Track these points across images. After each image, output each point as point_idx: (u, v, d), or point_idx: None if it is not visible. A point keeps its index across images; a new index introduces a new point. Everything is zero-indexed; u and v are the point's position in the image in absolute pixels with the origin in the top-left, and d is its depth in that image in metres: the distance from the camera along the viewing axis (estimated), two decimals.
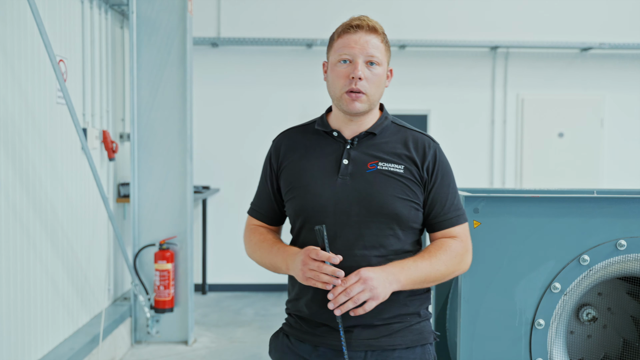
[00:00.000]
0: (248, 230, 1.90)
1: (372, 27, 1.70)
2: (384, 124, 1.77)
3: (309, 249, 1.62)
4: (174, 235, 4.53)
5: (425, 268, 1.66)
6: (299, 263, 1.62)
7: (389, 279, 1.59)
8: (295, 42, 6.02)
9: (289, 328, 1.81)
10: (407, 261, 1.65)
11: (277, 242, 1.80)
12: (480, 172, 6.33)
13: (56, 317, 3.67)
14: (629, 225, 2.09)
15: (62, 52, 3.76)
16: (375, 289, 1.56)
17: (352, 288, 1.55)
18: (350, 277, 1.57)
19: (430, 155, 1.73)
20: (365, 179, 1.69)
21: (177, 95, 4.48)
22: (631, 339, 2.36)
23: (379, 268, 1.61)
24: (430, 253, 1.69)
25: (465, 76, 6.27)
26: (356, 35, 1.68)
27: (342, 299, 1.55)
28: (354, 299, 1.55)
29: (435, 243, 1.73)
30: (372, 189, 1.68)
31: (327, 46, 1.77)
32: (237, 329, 5.04)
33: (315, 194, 1.71)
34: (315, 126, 1.81)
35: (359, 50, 1.68)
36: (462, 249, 1.74)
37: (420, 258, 1.67)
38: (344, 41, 1.70)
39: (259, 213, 1.88)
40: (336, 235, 1.68)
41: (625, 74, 6.31)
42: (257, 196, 1.91)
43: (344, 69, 1.69)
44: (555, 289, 2.10)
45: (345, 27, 1.70)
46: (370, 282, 1.55)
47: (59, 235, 3.69)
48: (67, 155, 3.82)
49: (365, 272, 1.57)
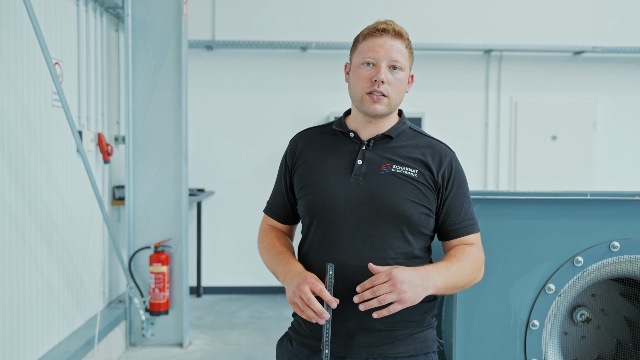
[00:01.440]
0: (262, 231, 1.92)
1: (397, 32, 1.70)
2: (401, 129, 1.78)
3: (312, 280, 1.59)
4: (169, 238, 4.53)
5: (456, 272, 1.64)
6: (294, 285, 1.61)
7: (424, 284, 1.55)
8: (290, 45, 6.03)
9: (293, 332, 1.81)
10: (440, 264, 1.63)
11: (284, 251, 1.80)
12: (474, 175, 6.36)
13: (51, 320, 3.66)
14: (622, 226, 2.11)
15: (57, 55, 3.77)
16: (404, 293, 1.51)
17: (380, 288, 1.51)
18: (381, 275, 1.53)
19: (446, 163, 1.73)
20: (377, 180, 1.69)
21: (172, 98, 4.48)
22: (624, 339, 2.38)
23: (413, 270, 1.56)
24: (456, 258, 1.67)
25: (459, 79, 6.31)
26: (381, 39, 1.69)
27: (367, 296, 1.53)
28: (380, 299, 1.51)
29: (457, 249, 1.71)
30: (384, 190, 1.68)
31: (351, 48, 1.78)
32: (232, 331, 5.04)
33: (326, 191, 1.71)
34: (332, 127, 1.82)
35: (384, 55, 1.68)
36: (481, 255, 1.74)
37: (450, 262, 1.64)
38: (368, 44, 1.70)
39: (274, 211, 1.90)
40: (345, 234, 1.67)
41: (618, 77, 6.36)
42: (272, 194, 1.92)
43: (367, 71, 1.69)
44: (549, 290, 2.12)
45: (371, 31, 1.70)
46: (400, 285, 1.51)
47: (54, 238, 3.69)
48: (63, 158, 3.83)
49: (397, 274, 1.52)
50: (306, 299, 1.56)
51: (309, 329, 1.74)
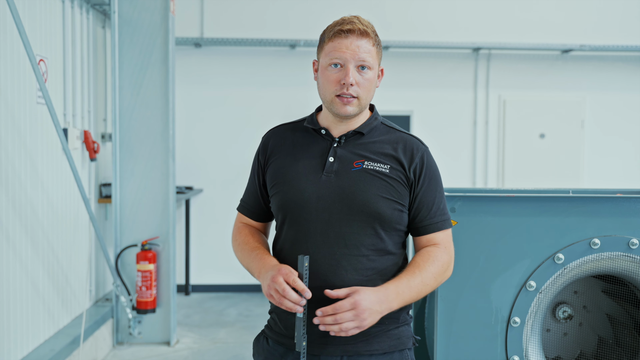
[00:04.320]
0: (235, 228, 1.90)
1: (363, 31, 1.67)
2: (373, 124, 1.77)
3: (285, 270, 1.59)
4: (156, 236, 4.51)
5: (417, 286, 1.64)
6: (268, 278, 1.61)
7: (382, 308, 1.57)
8: (279, 43, 6.02)
9: (269, 330, 1.80)
10: (402, 283, 1.63)
11: (259, 247, 1.79)
12: (463, 172, 6.37)
13: (36, 319, 3.64)
14: (603, 224, 2.12)
15: (42, 52, 3.74)
16: (364, 321, 1.54)
17: (343, 316, 1.53)
18: (344, 304, 1.53)
19: (418, 157, 1.72)
20: (349, 177, 1.68)
21: (160, 95, 4.46)
22: (606, 336, 2.39)
23: (375, 295, 1.57)
24: (420, 267, 1.67)
25: (447, 77, 6.32)
26: (347, 40, 1.66)
27: (329, 321, 1.53)
28: (342, 327, 1.53)
29: (422, 254, 1.71)
30: (356, 186, 1.67)
31: (318, 46, 1.75)
32: (220, 329, 5.03)
33: (298, 189, 1.70)
34: (304, 124, 1.81)
35: (351, 55, 1.65)
36: (447, 257, 1.73)
37: (412, 276, 1.65)
38: (334, 45, 1.67)
39: (247, 209, 1.89)
40: (317, 232, 1.67)
41: (605, 75, 6.39)
42: (246, 192, 1.91)
43: (335, 73, 1.67)
44: (530, 287, 2.13)
45: (337, 32, 1.67)
46: (362, 314, 1.53)
47: (39, 236, 3.67)
48: (48, 156, 3.80)
49: (361, 303, 1.53)
50: (281, 290, 1.56)
51: (285, 327, 1.74)
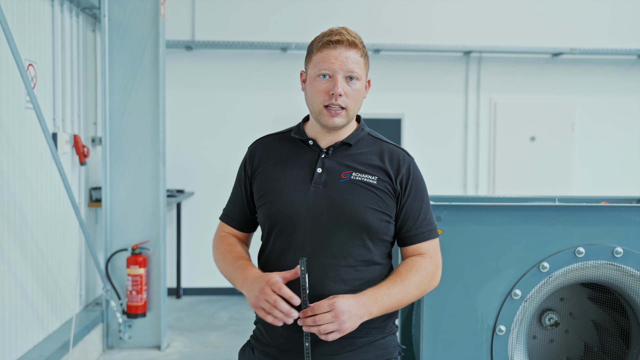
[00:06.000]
0: (217, 238, 1.89)
1: (351, 42, 1.68)
2: (360, 135, 1.78)
3: (272, 280, 1.59)
4: (147, 240, 4.51)
5: (397, 294, 1.65)
6: (256, 290, 1.60)
7: (360, 313, 1.58)
8: (270, 46, 6.02)
9: (255, 341, 1.81)
10: (381, 290, 1.63)
11: (242, 257, 1.78)
12: (453, 175, 6.39)
13: (25, 324, 3.63)
14: (588, 232, 2.13)
15: (31, 57, 3.73)
16: (344, 324, 1.54)
17: (322, 317, 1.54)
18: (323, 305, 1.55)
19: (404, 168, 1.73)
20: (337, 188, 1.69)
21: (150, 99, 4.46)
22: (592, 343, 2.41)
23: (353, 299, 1.58)
24: (402, 276, 1.67)
25: (438, 80, 6.33)
26: (336, 50, 1.67)
27: (309, 322, 1.55)
28: (321, 329, 1.54)
29: (406, 263, 1.72)
30: (344, 198, 1.68)
31: (306, 56, 1.76)
32: (211, 333, 5.03)
33: (287, 200, 1.70)
34: (291, 134, 1.81)
35: (339, 66, 1.66)
36: (433, 266, 1.73)
37: (392, 284, 1.65)
38: (323, 56, 1.68)
39: (231, 219, 1.88)
40: (305, 242, 1.67)
41: (595, 78, 6.42)
42: (229, 202, 1.90)
43: (324, 84, 1.68)
44: (515, 296, 2.14)
45: (325, 43, 1.68)
46: (341, 316, 1.54)
47: (27, 241, 3.66)
48: (37, 160, 3.79)
49: (339, 305, 1.54)
50: (272, 301, 1.56)
51: (271, 337, 1.74)
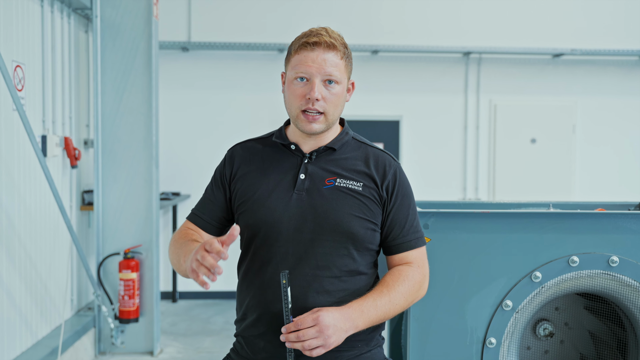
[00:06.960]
0: (177, 232, 1.77)
1: (330, 44, 1.59)
2: (344, 139, 1.70)
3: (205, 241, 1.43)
4: (139, 244, 4.44)
5: (384, 306, 1.58)
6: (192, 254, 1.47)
7: (346, 326, 1.51)
8: (266, 47, 5.95)
9: (234, 354, 1.75)
10: (367, 301, 1.56)
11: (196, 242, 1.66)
12: (453, 178, 6.31)
13: (12, 330, 3.56)
14: (582, 241, 2.05)
15: (19, 58, 3.67)
16: (329, 338, 1.47)
17: (306, 333, 1.47)
18: (307, 319, 1.48)
19: (390, 174, 1.66)
20: (321, 195, 1.62)
21: (143, 100, 4.39)
22: (588, 354, 2.33)
23: (338, 312, 1.51)
24: (388, 286, 1.60)
25: (438, 82, 6.25)
26: (313, 53, 1.59)
27: (292, 338, 1.47)
28: (305, 344, 1.46)
29: (393, 273, 1.65)
30: (328, 205, 1.60)
31: (285, 57, 1.68)
32: (206, 338, 4.96)
33: (269, 208, 1.63)
34: (272, 138, 1.74)
35: (316, 70, 1.59)
36: (420, 276, 1.66)
37: (379, 295, 1.58)
38: (300, 58, 1.60)
39: (200, 219, 1.77)
40: (288, 252, 1.61)
41: (596, 80, 6.33)
42: (200, 203, 1.81)
43: (301, 87, 1.61)
44: (506, 307, 2.05)
45: (302, 44, 1.60)
46: (326, 331, 1.47)
47: (15, 246, 3.59)
48: (25, 163, 3.73)
49: (323, 319, 1.47)
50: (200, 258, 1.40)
51: (252, 351, 1.68)
